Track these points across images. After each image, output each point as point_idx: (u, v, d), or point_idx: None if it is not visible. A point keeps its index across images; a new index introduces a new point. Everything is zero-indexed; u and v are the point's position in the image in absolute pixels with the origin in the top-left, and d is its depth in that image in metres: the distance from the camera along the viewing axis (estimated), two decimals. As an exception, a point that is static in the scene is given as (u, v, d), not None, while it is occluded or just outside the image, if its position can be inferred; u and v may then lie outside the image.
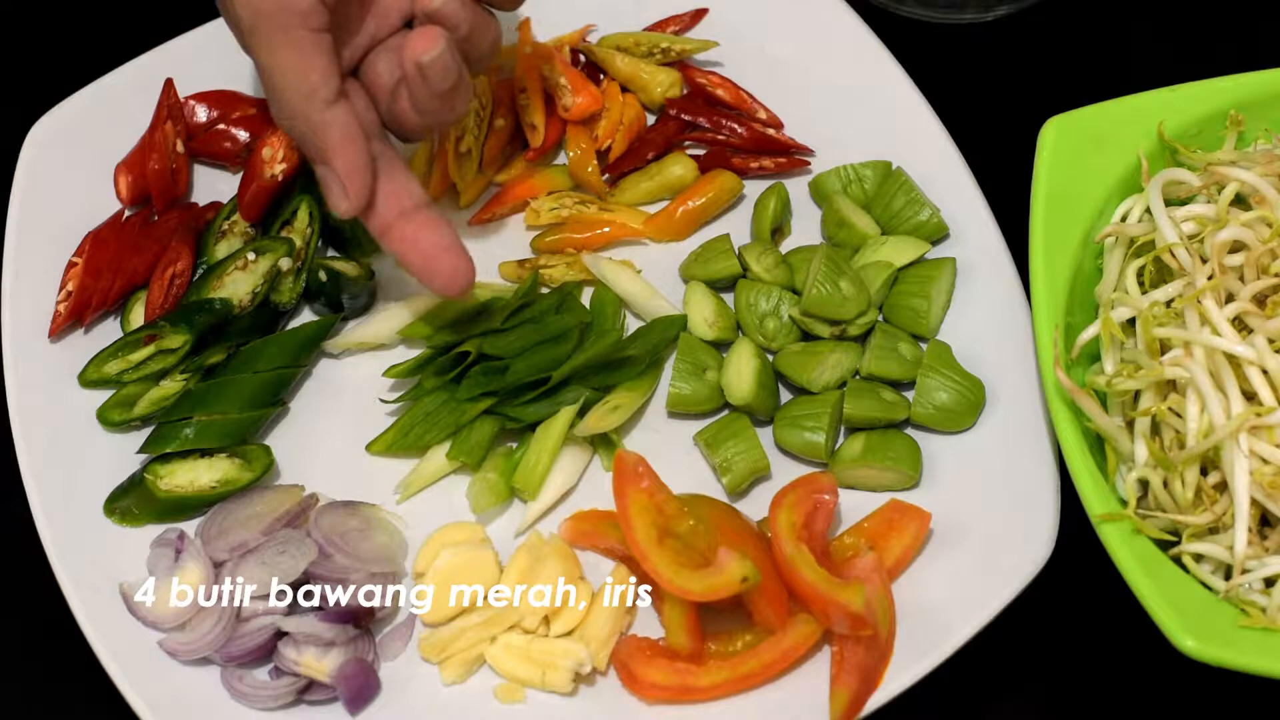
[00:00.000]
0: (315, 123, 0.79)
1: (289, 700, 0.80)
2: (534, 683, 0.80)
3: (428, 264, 0.82)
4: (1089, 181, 0.82)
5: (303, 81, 0.78)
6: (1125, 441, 0.77)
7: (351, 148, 0.79)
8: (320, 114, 0.78)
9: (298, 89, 0.78)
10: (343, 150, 0.79)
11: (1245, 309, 0.76)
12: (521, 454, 0.86)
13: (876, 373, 0.87)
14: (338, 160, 0.80)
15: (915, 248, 0.90)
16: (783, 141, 0.95)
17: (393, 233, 0.82)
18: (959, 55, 1.03)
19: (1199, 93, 0.84)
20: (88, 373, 0.87)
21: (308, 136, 0.79)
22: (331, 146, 0.79)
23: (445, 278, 0.82)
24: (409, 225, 0.82)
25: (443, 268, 0.82)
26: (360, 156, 0.80)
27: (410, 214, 0.82)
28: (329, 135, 0.79)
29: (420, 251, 0.82)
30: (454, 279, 0.82)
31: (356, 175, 0.80)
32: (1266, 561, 0.74)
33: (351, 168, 0.80)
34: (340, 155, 0.79)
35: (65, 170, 0.93)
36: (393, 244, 0.82)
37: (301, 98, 0.78)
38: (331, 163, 0.80)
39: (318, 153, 0.80)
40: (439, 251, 0.82)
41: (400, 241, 0.82)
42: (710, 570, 0.78)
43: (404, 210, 0.82)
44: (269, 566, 0.81)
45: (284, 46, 0.77)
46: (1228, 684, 0.76)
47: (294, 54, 0.77)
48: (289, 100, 0.78)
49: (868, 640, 0.78)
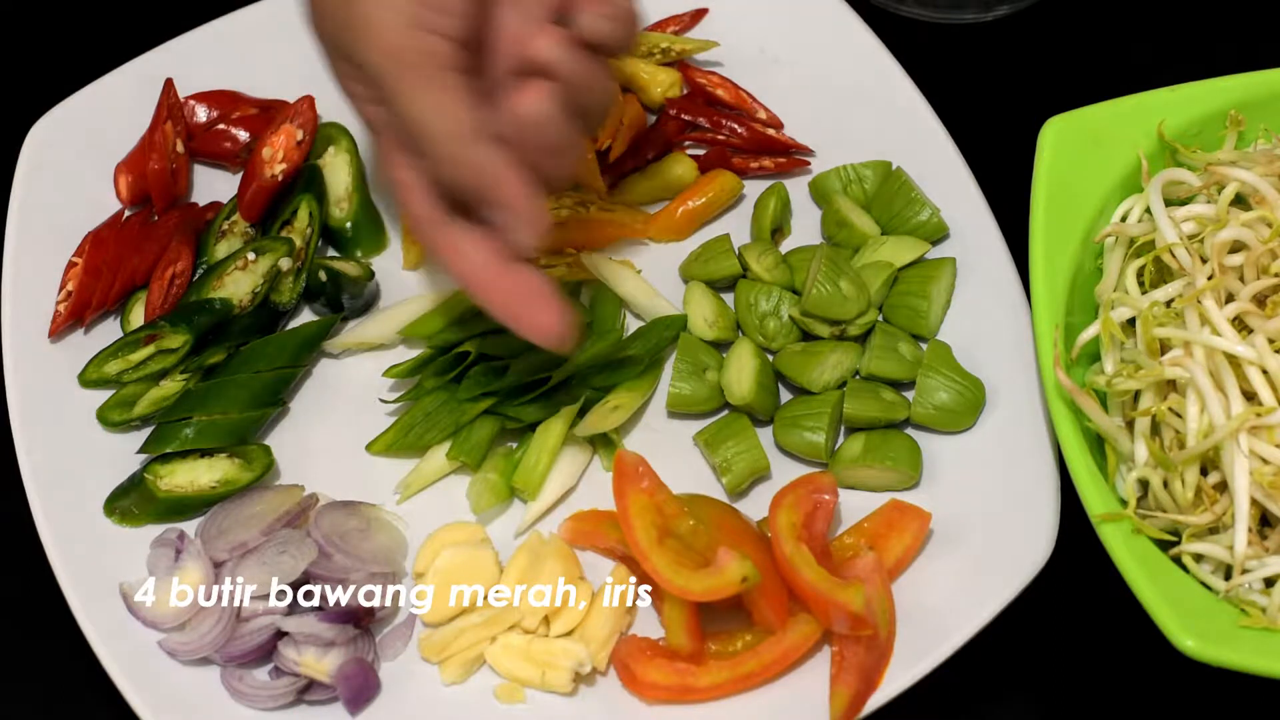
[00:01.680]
0: (474, 162, 0.75)
1: (289, 700, 0.80)
2: (534, 683, 0.80)
3: (527, 315, 0.78)
4: (1089, 181, 0.82)
5: (453, 123, 0.74)
6: (1125, 441, 0.77)
7: (516, 176, 0.76)
8: (476, 152, 0.75)
9: (449, 131, 0.75)
10: (508, 181, 0.76)
11: (1245, 309, 0.76)
12: (521, 454, 0.86)
13: (876, 373, 0.87)
14: (506, 191, 0.76)
15: (915, 248, 0.90)
16: (783, 141, 0.95)
17: (491, 286, 0.78)
18: (959, 55, 1.03)
19: (1199, 93, 0.84)
20: (88, 373, 0.87)
21: (468, 178, 0.76)
22: (496, 180, 0.76)
23: (545, 331, 0.78)
24: (507, 277, 0.78)
25: (543, 321, 0.78)
26: (527, 183, 0.76)
27: (509, 268, 0.78)
28: (491, 170, 0.76)
29: (519, 302, 0.78)
30: (553, 333, 0.79)
31: (530, 202, 0.76)
32: (1266, 561, 0.74)
33: (520, 195, 0.76)
34: (507, 186, 0.76)
35: (65, 170, 0.93)
36: (491, 298, 0.79)
37: (454, 141, 0.75)
38: (500, 197, 0.76)
39: (482, 191, 0.76)
40: (539, 304, 0.78)
41: (498, 295, 0.78)
42: (710, 570, 0.79)
43: (503, 264, 0.78)
44: (269, 566, 0.81)
45: (427, 92, 0.74)
46: (1228, 684, 0.76)
47: (439, 97, 0.74)
48: (443, 145, 0.75)
49: (868, 640, 0.78)
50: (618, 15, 0.78)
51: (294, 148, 0.91)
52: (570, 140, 0.78)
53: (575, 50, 0.77)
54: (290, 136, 0.92)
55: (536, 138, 0.76)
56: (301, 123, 0.92)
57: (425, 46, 0.74)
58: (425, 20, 0.73)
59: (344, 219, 0.93)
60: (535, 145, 0.77)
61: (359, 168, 0.94)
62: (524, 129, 0.76)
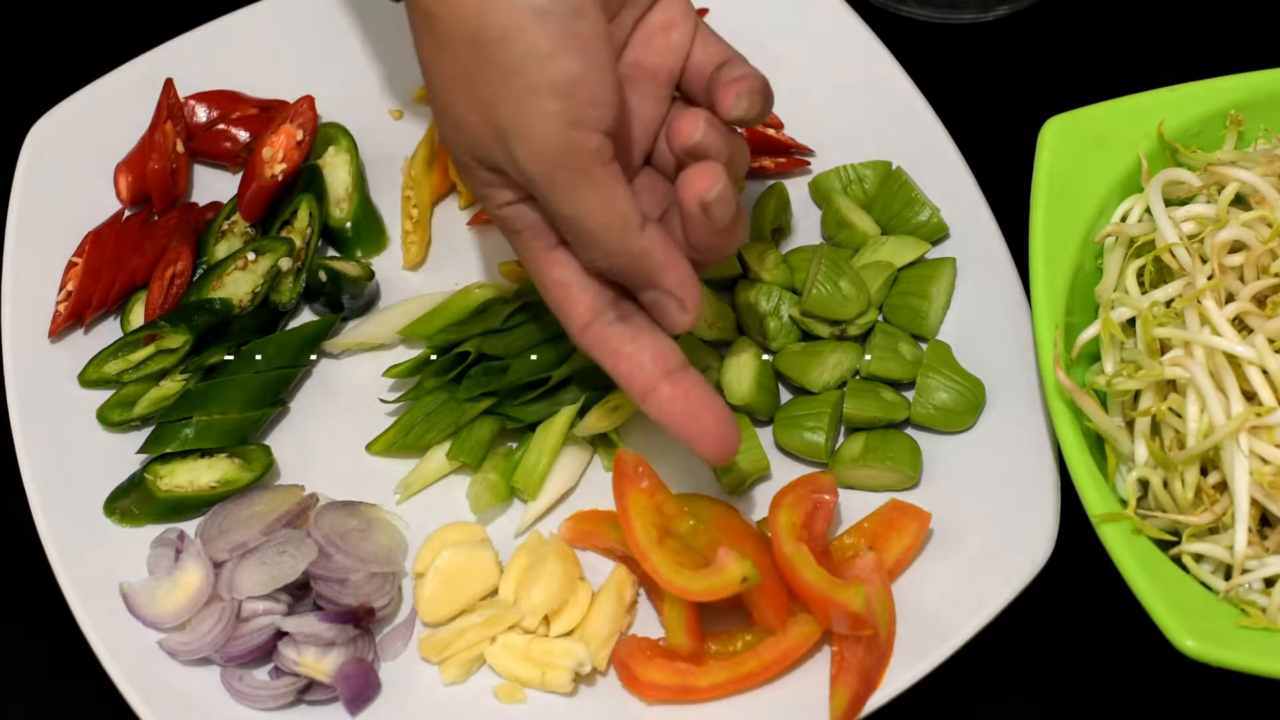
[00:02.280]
0: (639, 250, 0.75)
1: (289, 700, 0.80)
2: (534, 683, 0.80)
3: (695, 426, 0.77)
4: (1089, 181, 0.82)
5: (615, 216, 0.74)
6: (1125, 441, 0.77)
7: (677, 261, 0.76)
8: (639, 240, 0.75)
9: (611, 225, 0.74)
10: (670, 266, 0.76)
11: (1245, 309, 0.76)
12: (521, 454, 0.86)
13: (876, 373, 0.87)
14: (668, 277, 0.76)
15: (915, 248, 0.90)
16: (783, 141, 0.95)
17: (658, 394, 0.77)
18: (959, 55, 1.03)
19: (1199, 93, 0.84)
20: (88, 373, 0.87)
21: (632, 267, 0.75)
22: (659, 266, 0.75)
23: (713, 442, 0.78)
24: (675, 386, 0.77)
25: (710, 430, 0.77)
26: (687, 266, 0.76)
27: (676, 375, 0.78)
28: (655, 256, 0.75)
29: (688, 413, 0.77)
30: (721, 443, 0.78)
31: (691, 286, 0.76)
32: (1266, 561, 0.74)
33: (683, 280, 0.76)
34: (669, 272, 0.76)
35: (65, 170, 0.93)
36: (658, 406, 0.78)
37: (617, 233, 0.74)
38: (662, 283, 0.76)
39: (645, 278, 0.76)
40: (707, 413, 0.78)
41: (665, 403, 0.77)
42: (710, 570, 0.78)
43: (669, 370, 0.77)
44: (269, 566, 0.81)
45: (586, 190, 0.73)
46: (1228, 684, 0.76)
47: (598, 193, 0.73)
48: (606, 239, 0.74)
49: (868, 640, 0.78)
50: (756, 89, 0.77)
51: (294, 148, 0.91)
52: (740, 212, 0.77)
53: (720, 128, 0.76)
54: (290, 136, 0.92)
55: (716, 220, 0.75)
56: (301, 123, 0.92)
57: (582, 145, 0.72)
58: (580, 118, 0.72)
59: (344, 219, 0.93)
60: (711, 224, 0.76)
61: (359, 168, 0.94)
62: (699, 210, 0.75)
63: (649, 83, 0.79)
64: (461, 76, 0.73)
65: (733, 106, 0.76)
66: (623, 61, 0.79)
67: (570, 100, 0.71)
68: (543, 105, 0.71)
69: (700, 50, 0.79)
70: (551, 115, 0.71)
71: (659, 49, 0.79)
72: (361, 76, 0.97)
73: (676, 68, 0.79)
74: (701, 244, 0.77)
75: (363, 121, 0.95)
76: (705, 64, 0.79)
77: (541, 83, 0.71)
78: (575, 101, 0.71)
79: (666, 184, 0.80)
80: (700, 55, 0.79)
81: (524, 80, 0.71)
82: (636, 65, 0.79)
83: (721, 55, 0.79)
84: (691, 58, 0.79)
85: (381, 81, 0.97)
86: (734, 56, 0.79)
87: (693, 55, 0.79)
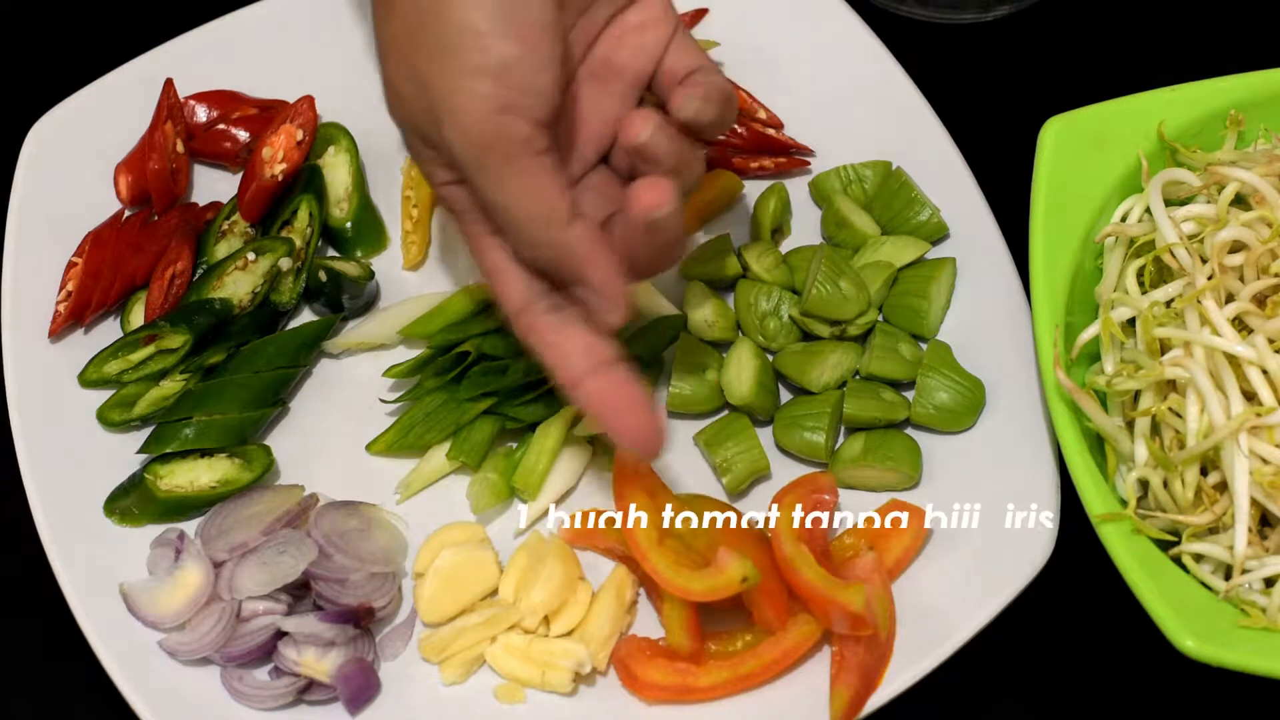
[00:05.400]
0: (562, 244, 0.74)
1: (289, 700, 0.80)
2: (534, 683, 0.80)
3: (619, 421, 0.77)
4: (1089, 181, 0.82)
5: (540, 206, 0.73)
6: (1125, 441, 0.77)
7: (603, 260, 0.75)
8: (564, 234, 0.74)
9: (536, 215, 0.73)
10: (595, 265, 0.75)
11: (1245, 309, 0.76)
12: (521, 454, 0.86)
13: (876, 373, 0.87)
14: (593, 272, 0.75)
15: (915, 248, 0.90)
16: (783, 141, 0.95)
17: (584, 386, 0.77)
18: (959, 55, 1.03)
19: (1199, 93, 0.84)
20: (88, 373, 0.87)
21: (557, 260, 0.75)
22: (584, 261, 0.74)
23: (637, 438, 0.77)
24: (601, 380, 0.77)
25: (633, 425, 0.77)
26: (614, 267, 0.75)
27: (603, 369, 0.77)
28: (579, 252, 0.74)
29: (612, 408, 0.77)
30: (646, 441, 0.77)
31: (615, 286, 0.75)
32: (1266, 561, 0.74)
33: (608, 280, 0.75)
34: (594, 270, 0.75)
35: (65, 170, 0.93)
36: (583, 398, 0.77)
37: (542, 223, 0.73)
38: (588, 278, 0.75)
39: (571, 273, 0.75)
40: (631, 408, 0.77)
41: (590, 397, 0.77)
42: (710, 570, 0.79)
43: (596, 365, 0.77)
44: (269, 566, 0.81)
45: (514, 177, 0.72)
46: (1228, 684, 0.76)
47: (525, 181, 0.72)
48: (531, 229, 0.74)
49: (868, 640, 0.78)
50: (712, 96, 0.76)
51: (294, 148, 0.91)
52: (682, 233, 0.76)
53: (671, 133, 0.75)
54: (290, 136, 0.92)
55: (659, 238, 0.75)
56: (301, 123, 0.92)
57: (512, 131, 0.71)
58: (511, 104, 0.71)
59: (344, 219, 0.93)
60: (653, 241, 0.75)
61: (359, 168, 0.94)
62: (645, 226, 0.74)
63: (614, 80, 0.78)
64: (403, 46, 0.72)
65: (680, 107, 0.75)
66: (590, 56, 0.78)
67: (502, 84, 0.70)
68: (473, 86, 0.70)
69: (674, 56, 0.78)
70: (482, 98, 0.70)
71: (630, 48, 0.78)
72: (361, 76, 0.97)
73: (646, 69, 0.78)
74: (640, 257, 0.76)
75: (363, 121, 0.95)
76: (677, 70, 0.78)
77: (475, 63, 0.70)
78: (507, 86, 0.70)
79: (619, 186, 0.79)
80: (674, 61, 0.78)
81: (458, 59, 0.70)
82: (604, 61, 0.78)
83: (695, 63, 0.78)
84: (664, 62, 0.78)
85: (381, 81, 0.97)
86: (706, 65, 0.78)
87: (666, 59, 0.78)
